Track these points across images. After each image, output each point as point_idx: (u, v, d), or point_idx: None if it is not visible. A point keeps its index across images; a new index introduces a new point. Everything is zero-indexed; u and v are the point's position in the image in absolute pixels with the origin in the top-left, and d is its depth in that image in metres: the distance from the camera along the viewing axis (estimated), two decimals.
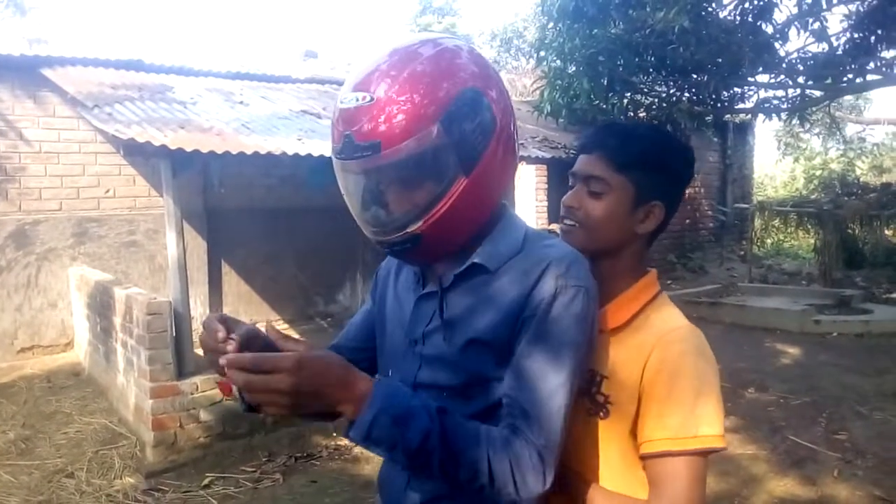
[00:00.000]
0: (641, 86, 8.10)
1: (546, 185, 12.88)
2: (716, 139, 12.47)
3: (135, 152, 5.11)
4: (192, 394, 4.49)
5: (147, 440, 4.42)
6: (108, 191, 6.63)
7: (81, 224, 6.46)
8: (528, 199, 12.30)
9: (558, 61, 7.89)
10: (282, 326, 7.41)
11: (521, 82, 14.36)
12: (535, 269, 1.16)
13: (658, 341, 1.22)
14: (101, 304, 5.36)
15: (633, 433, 1.22)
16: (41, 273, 6.33)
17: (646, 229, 1.30)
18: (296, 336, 1.40)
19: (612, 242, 1.30)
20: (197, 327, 6.77)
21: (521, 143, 6.86)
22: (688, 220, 12.11)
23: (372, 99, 1.08)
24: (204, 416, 4.52)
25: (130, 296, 4.68)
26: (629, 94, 8.04)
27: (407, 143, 1.08)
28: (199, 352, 5.53)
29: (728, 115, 10.51)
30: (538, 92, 8.38)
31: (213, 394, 4.57)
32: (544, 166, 10.43)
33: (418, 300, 1.28)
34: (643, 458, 1.20)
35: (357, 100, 1.09)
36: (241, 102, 6.45)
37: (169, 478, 4.24)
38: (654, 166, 1.27)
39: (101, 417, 5.02)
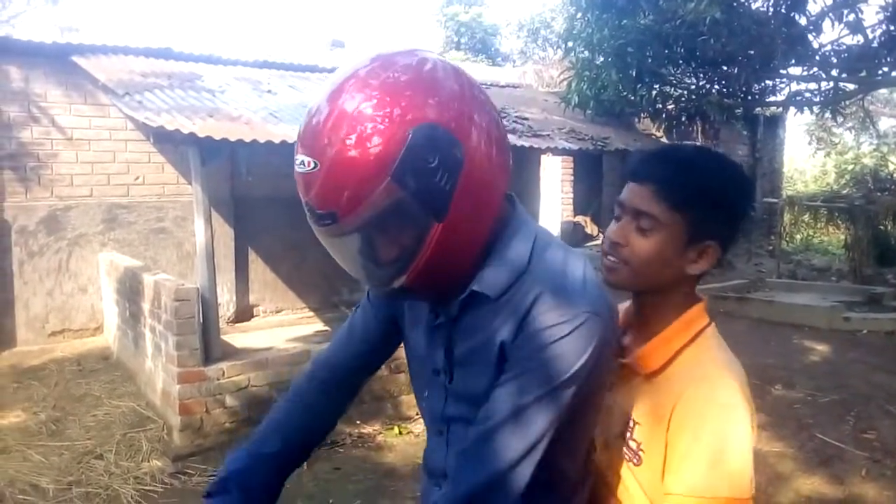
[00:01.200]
0: (671, 77, 8.01)
1: (572, 177, 12.73)
2: (745, 132, 12.30)
3: (164, 140, 5.16)
4: (218, 379, 4.55)
5: (174, 424, 4.48)
6: (137, 178, 6.72)
7: (111, 210, 6.55)
8: (554, 191, 12.23)
9: (586, 52, 7.82)
10: (307, 314, 7.48)
11: (549, 73, 14.25)
12: (527, 298, 1.08)
13: (685, 391, 1.14)
14: (130, 290, 5.44)
15: (661, 483, 1.17)
16: (72, 258, 6.44)
17: (698, 270, 1.19)
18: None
19: (659, 283, 1.20)
20: (224, 314, 6.86)
21: (547, 135, 6.82)
22: None
23: (316, 165, 1.00)
24: (230, 401, 4.58)
25: (159, 282, 4.74)
26: (658, 85, 7.95)
27: (362, 209, 0.99)
28: (226, 338, 5.61)
29: (759, 108, 10.36)
30: (566, 83, 8.32)
31: (239, 380, 4.63)
32: (571, 158, 10.33)
33: (431, 331, 1.23)
34: None
35: (304, 165, 1.01)
36: (269, 91, 6.48)
37: (195, 461, 4.30)
38: (712, 204, 1.16)
39: (129, 401, 5.09)
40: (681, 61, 7.69)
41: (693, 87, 8.04)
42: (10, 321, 6.20)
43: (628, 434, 1.21)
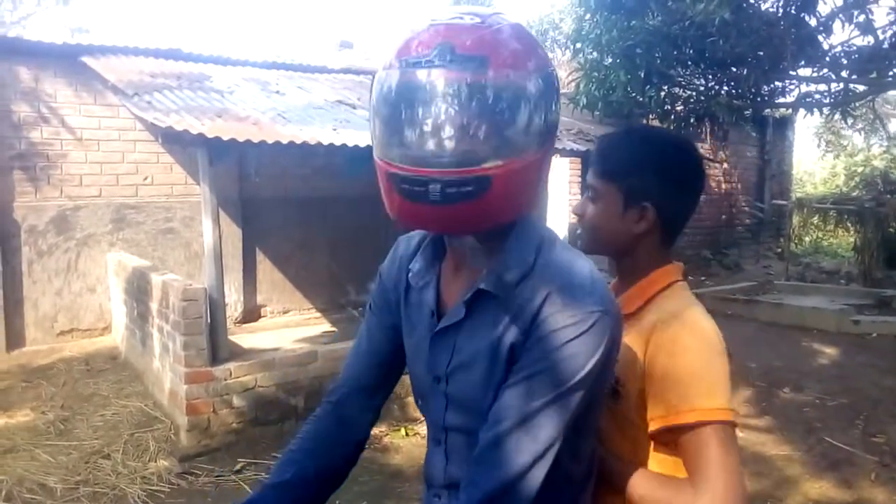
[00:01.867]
0: (679, 79, 7.96)
1: (580, 179, 12.71)
2: (755, 134, 12.24)
3: (173, 140, 5.18)
4: (225, 380, 4.55)
5: (181, 424, 4.49)
6: (146, 178, 6.74)
7: (120, 210, 6.57)
8: (562, 193, 12.23)
9: (595, 53, 7.79)
10: (314, 315, 7.49)
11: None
12: (535, 298, 1.07)
13: (657, 322, 1.27)
14: (138, 290, 5.45)
15: (640, 415, 1.26)
16: (81, 258, 6.46)
17: (641, 229, 1.35)
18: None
19: (612, 243, 1.38)
20: (232, 314, 6.87)
21: (557, 137, 6.81)
22: (724, 216, 11.93)
23: (483, 21, 1.01)
24: (237, 401, 4.59)
25: (167, 282, 4.75)
26: (666, 87, 7.91)
27: (516, 74, 1.00)
28: (234, 338, 5.63)
29: (768, 110, 10.30)
30: (574, 84, 8.30)
31: (246, 380, 4.64)
32: (578, 160, 10.30)
33: (434, 337, 1.20)
34: (651, 437, 1.25)
35: (463, 18, 1.01)
36: (278, 92, 6.49)
37: (202, 462, 4.31)
38: (640, 171, 1.33)
39: (136, 401, 5.11)
40: (690, 62, 7.64)
41: (702, 88, 7.99)
42: (19, 320, 6.23)
43: None
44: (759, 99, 7.93)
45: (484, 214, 1.05)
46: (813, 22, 6.95)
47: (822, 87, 7.68)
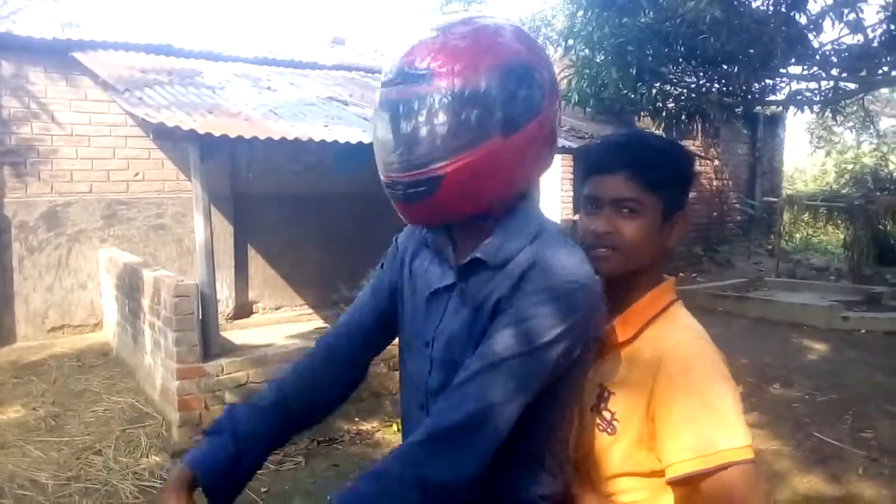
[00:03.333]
0: (671, 76, 7.99)
1: (571, 176, 12.71)
2: (745, 131, 12.30)
3: (164, 136, 5.17)
4: (217, 376, 4.55)
5: (173, 420, 4.49)
6: (137, 174, 6.72)
7: (111, 206, 6.55)
8: (554, 190, 12.25)
9: (587, 50, 7.80)
10: (305, 311, 7.48)
11: None
12: (524, 264, 1.15)
13: (663, 357, 1.20)
14: (129, 286, 5.44)
15: (641, 451, 1.20)
16: (72, 254, 6.44)
17: (673, 242, 1.30)
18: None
19: (646, 261, 1.28)
20: (224, 310, 6.86)
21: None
22: (715, 213, 11.99)
23: (436, 35, 1.14)
24: (229, 397, 4.58)
25: (158, 278, 4.75)
26: (658, 84, 7.93)
27: (457, 78, 1.11)
28: (226, 334, 5.62)
29: (759, 108, 10.36)
30: (565, 81, 8.32)
31: (238, 376, 4.64)
32: (570, 157, 10.30)
33: (429, 297, 1.27)
34: (670, 483, 1.17)
35: (420, 35, 1.16)
36: (269, 88, 6.48)
37: None
38: (678, 180, 1.29)
39: (128, 397, 5.10)
40: (681, 60, 7.66)
41: (693, 85, 8.02)
42: (9, 317, 6.21)
43: (602, 405, 1.25)
44: (749, 96, 7.98)
45: (444, 207, 1.17)
46: (803, 20, 6.99)
47: (813, 84, 7.72)
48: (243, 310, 7.29)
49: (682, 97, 8.10)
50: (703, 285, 9.35)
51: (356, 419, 4.78)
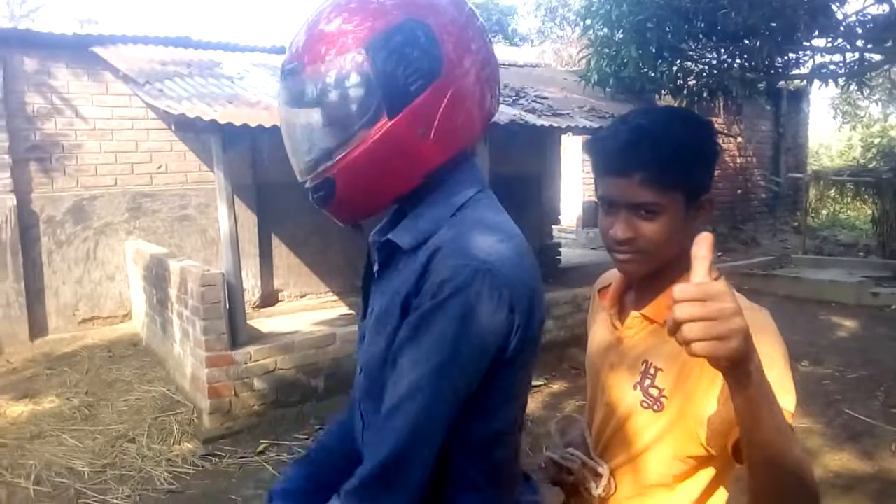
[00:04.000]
0: (691, 53, 7.91)
1: None
2: (769, 107, 12.13)
3: (186, 128, 5.20)
4: (245, 363, 4.60)
5: (203, 407, 4.55)
6: (160, 166, 6.78)
7: (136, 199, 6.62)
8: (574, 171, 12.17)
9: (605, 29, 7.74)
10: (330, 299, 7.53)
11: (567, 52, 14.13)
12: (430, 251, 1.02)
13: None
14: (156, 277, 5.51)
15: (689, 427, 1.15)
16: (99, 247, 6.53)
17: (701, 225, 1.18)
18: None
19: (674, 254, 1.19)
20: (250, 299, 6.92)
21: (567, 114, 6.76)
22: (739, 191, 11.86)
23: (311, 27, 1.05)
24: (258, 384, 4.64)
25: (185, 268, 4.80)
26: (678, 61, 7.86)
27: (328, 63, 1.00)
28: (252, 323, 5.67)
29: (782, 82, 10.19)
30: (584, 61, 8.25)
31: (266, 363, 4.69)
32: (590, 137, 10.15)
33: (362, 290, 1.20)
34: (732, 450, 1.09)
35: (299, 31, 1.07)
36: None
37: (225, 444, 4.37)
38: (698, 167, 1.17)
39: (159, 386, 5.18)
40: (701, 36, 7.58)
41: (714, 62, 7.93)
42: (41, 310, 6.31)
43: (648, 382, 1.20)
44: (772, 71, 7.87)
45: (353, 205, 1.10)
46: None
47: (837, 57, 7.59)
48: (269, 298, 7.34)
49: (704, 74, 8.02)
50: (728, 264, 9.26)
51: None
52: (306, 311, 6.99)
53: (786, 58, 7.81)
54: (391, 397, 0.99)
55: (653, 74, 7.59)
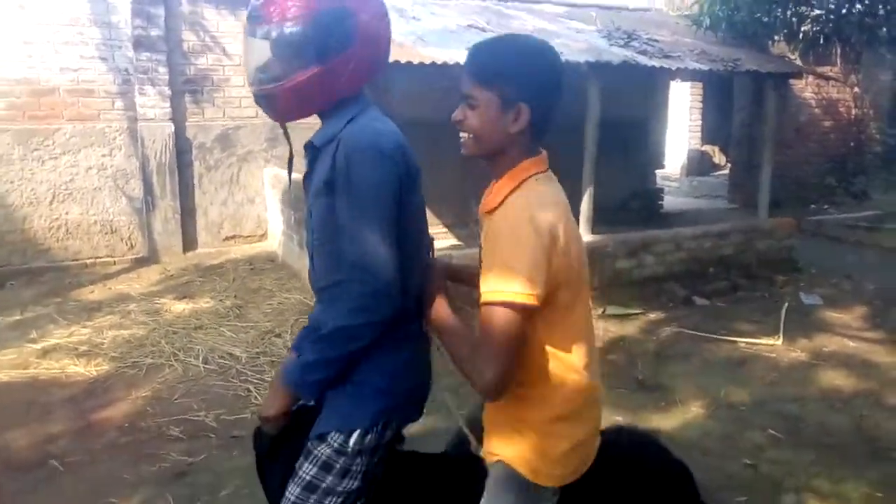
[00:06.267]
0: None
1: (701, 104, 12.33)
2: (889, 56, 11.62)
3: None
4: None
5: None
6: None
7: (273, 130, 7.27)
8: (682, 119, 12.09)
9: None
10: (441, 230, 8.06)
11: None
12: (332, 146, 1.60)
13: (492, 223, 1.52)
14: (295, 199, 6.14)
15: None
16: (241, 172, 7.28)
17: (518, 128, 1.51)
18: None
19: (495, 144, 1.53)
20: None
21: (678, 56, 6.87)
22: (852, 143, 11.53)
23: None
24: None
25: None
26: (794, 5, 7.75)
27: (286, 22, 1.55)
28: None
29: None
30: (697, 5, 8.25)
31: None
32: (700, 84, 10.07)
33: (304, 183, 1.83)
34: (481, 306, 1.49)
35: None
36: (414, 18, 6.91)
37: None
38: (513, 75, 1.49)
39: (296, 294, 5.87)
40: None
41: (832, 6, 7.75)
42: (192, 226, 7.15)
43: (480, 256, 1.58)
44: (894, 17, 7.65)
45: (287, 111, 1.67)
46: None
47: None
48: None
49: (820, 19, 7.85)
50: (832, 216, 9.21)
51: None
52: None
53: None
54: (344, 237, 1.59)
55: (766, 20, 7.52)
